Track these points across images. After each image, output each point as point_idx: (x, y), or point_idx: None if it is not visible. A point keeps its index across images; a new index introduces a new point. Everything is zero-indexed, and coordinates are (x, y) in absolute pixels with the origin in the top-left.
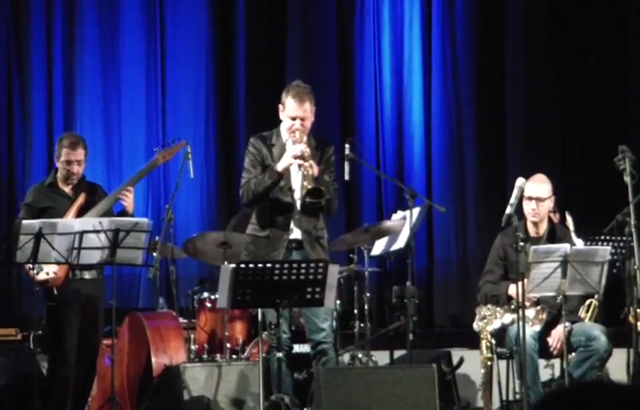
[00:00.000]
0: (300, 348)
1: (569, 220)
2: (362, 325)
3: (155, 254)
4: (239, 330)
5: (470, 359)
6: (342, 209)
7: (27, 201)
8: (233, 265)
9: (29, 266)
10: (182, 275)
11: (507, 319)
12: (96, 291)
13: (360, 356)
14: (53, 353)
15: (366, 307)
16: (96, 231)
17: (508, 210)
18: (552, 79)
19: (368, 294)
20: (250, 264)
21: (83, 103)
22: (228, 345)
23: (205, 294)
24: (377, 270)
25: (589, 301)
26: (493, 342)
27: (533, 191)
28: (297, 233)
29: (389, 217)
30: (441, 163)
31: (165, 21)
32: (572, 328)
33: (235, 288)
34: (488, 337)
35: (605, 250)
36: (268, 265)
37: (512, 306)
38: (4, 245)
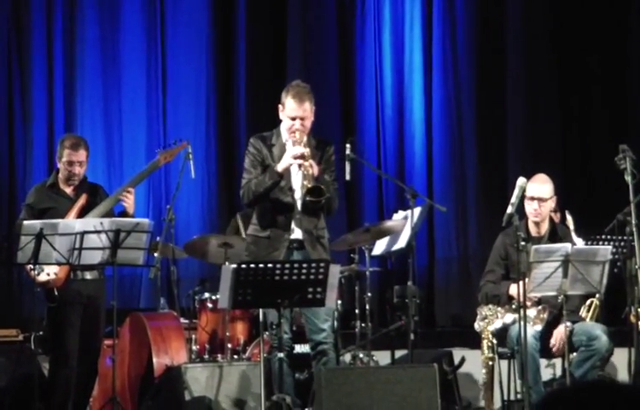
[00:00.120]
0: (302, 349)
1: (569, 220)
2: (363, 325)
3: (156, 254)
4: (240, 330)
5: (471, 358)
6: (343, 209)
7: (28, 201)
8: (234, 265)
9: (30, 267)
10: (183, 275)
11: (508, 319)
12: (97, 292)
13: (361, 356)
14: (54, 353)
15: (367, 307)
16: (97, 232)
17: (509, 210)
18: (552, 79)
19: (369, 294)
20: (251, 264)
21: (83, 103)
22: (229, 345)
23: (206, 294)
24: (378, 270)
25: (590, 300)
26: (494, 341)
27: (535, 191)
28: (298, 233)
29: (390, 217)
30: (442, 163)
31: (165, 21)
32: (573, 328)
33: (236, 288)
34: (489, 337)
35: (606, 250)
36: (269, 265)
37: (513, 305)
38: (5, 246)
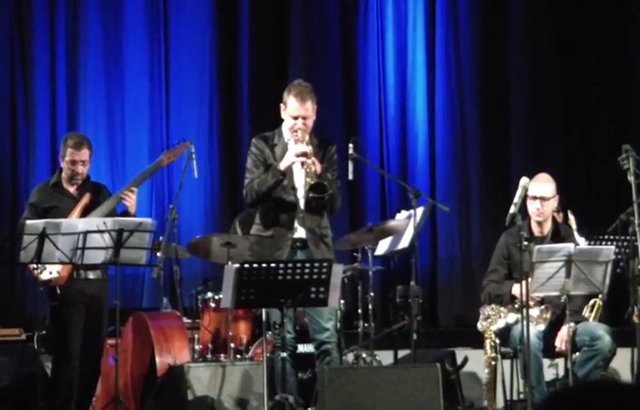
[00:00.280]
0: (305, 348)
1: (572, 220)
2: (366, 325)
3: (159, 254)
4: (243, 330)
5: (474, 358)
6: (346, 209)
7: (32, 200)
8: (237, 265)
9: (33, 266)
10: (186, 275)
11: (511, 319)
12: (100, 291)
13: (364, 356)
14: (57, 353)
15: (370, 307)
16: (100, 231)
17: (512, 209)
18: (555, 78)
19: (372, 293)
20: (254, 264)
21: (86, 103)
22: (232, 345)
23: (209, 294)
24: (381, 269)
25: (593, 300)
26: (497, 341)
27: (537, 191)
28: (301, 232)
29: (393, 216)
30: (445, 163)
31: (168, 21)
32: (576, 328)
33: (239, 288)
34: (492, 337)
35: (609, 250)
36: (272, 264)
37: (516, 305)
38: (8, 245)
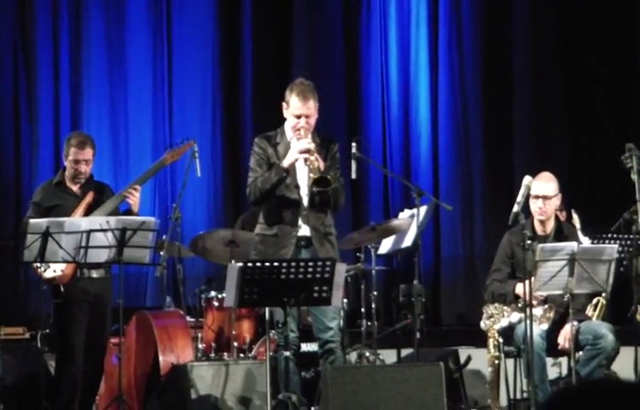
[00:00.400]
0: (308, 347)
1: (575, 218)
2: (369, 324)
3: (162, 252)
4: (246, 328)
5: (477, 357)
6: (349, 208)
7: (35, 199)
8: (240, 264)
9: (36, 265)
10: (189, 274)
11: (514, 318)
12: (104, 290)
13: (367, 355)
14: (60, 351)
15: (373, 306)
16: (104, 230)
17: (515, 208)
18: (558, 77)
19: (375, 292)
20: (257, 263)
21: (89, 102)
22: (235, 344)
23: (212, 293)
24: (384, 268)
25: (596, 299)
26: (500, 340)
27: (540, 190)
28: (305, 230)
29: (396, 215)
30: (448, 161)
31: (171, 20)
32: (579, 326)
33: (242, 287)
34: (495, 336)
35: (612, 248)
36: (275, 263)
37: (519, 304)
38: (12, 244)
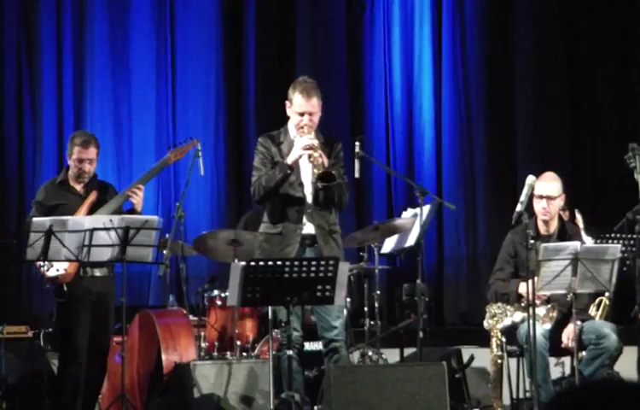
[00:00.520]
0: (311, 346)
1: (579, 218)
2: (372, 323)
3: (165, 251)
4: (249, 327)
5: (480, 356)
6: (352, 207)
7: (38, 198)
8: (243, 263)
9: (39, 263)
10: (192, 273)
11: (517, 317)
12: (107, 289)
13: (370, 354)
14: (63, 350)
15: (376, 305)
16: (107, 229)
17: (518, 208)
18: (562, 78)
19: (378, 291)
20: (260, 261)
21: (93, 102)
22: (238, 343)
23: (215, 291)
24: (387, 267)
25: (599, 299)
26: (503, 339)
27: (544, 190)
28: (310, 228)
29: (399, 215)
30: (451, 161)
31: (175, 20)
32: (582, 326)
33: (245, 285)
34: (498, 335)
35: (615, 248)
36: (278, 262)
37: (522, 304)
38: (15, 243)
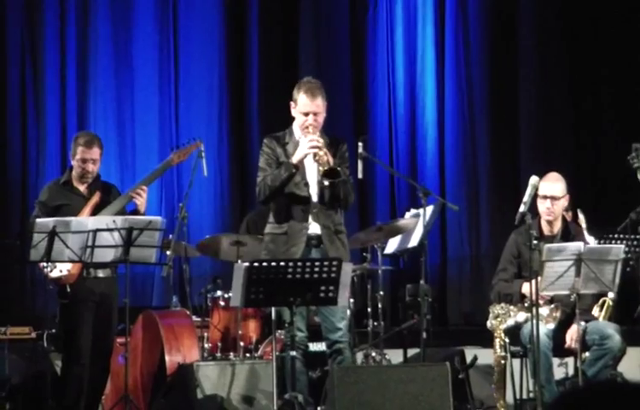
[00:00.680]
0: (315, 347)
1: (581, 219)
2: (375, 324)
3: (169, 252)
4: (252, 328)
5: (484, 357)
6: (355, 208)
7: (41, 199)
8: (246, 263)
9: (43, 264)
10: (195, 273)
11: (520, 318)
12: (110, 289)
13: (374, 354)
14: (67, 351)
15: (379, 306)
16: (110, 230)
17: (521, 208)
18: (565, 78)
19: (381, 292)
20: (263, 262)
21: (96, 102)
22: (241, 343)
23: (218, 292)
24: (390, 268)
25: (602, 299)
26: (507, 340)
27: (548, 190)
28: (315, 227)
29: (402, 215)
30: (454, 161)
31: (178, 20)
32: (586, 327)
33: (248, 286)
34: (502, 336)
35: (619, 249)
36: (281, 263)
37: (526, 304)
38: (18, 244)
